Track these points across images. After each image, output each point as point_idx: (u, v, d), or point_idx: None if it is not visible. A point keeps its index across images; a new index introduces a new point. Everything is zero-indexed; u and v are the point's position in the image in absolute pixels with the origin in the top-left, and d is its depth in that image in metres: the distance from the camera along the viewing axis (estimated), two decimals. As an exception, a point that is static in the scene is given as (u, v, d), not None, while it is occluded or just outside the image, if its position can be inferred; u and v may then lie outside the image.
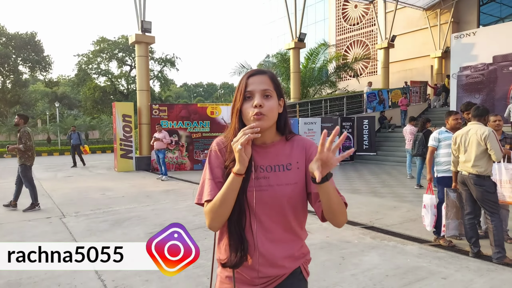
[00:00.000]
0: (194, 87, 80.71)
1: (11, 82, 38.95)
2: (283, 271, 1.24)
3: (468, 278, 3.41)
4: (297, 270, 1.29)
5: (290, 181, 1.21)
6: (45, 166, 15.98)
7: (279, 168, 1.22)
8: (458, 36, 13.82)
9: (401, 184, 8.97)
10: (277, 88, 1.23)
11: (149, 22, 12.95)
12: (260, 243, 1.21)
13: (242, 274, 1.24)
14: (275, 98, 1.21)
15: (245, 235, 1.20)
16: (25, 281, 3.48)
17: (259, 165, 1.21)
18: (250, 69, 21.01)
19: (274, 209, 1.21)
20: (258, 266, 1.21)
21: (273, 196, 1.20)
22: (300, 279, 1.30)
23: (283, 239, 1.24)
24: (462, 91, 13.28)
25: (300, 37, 16.68)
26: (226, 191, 1.14)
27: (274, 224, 1.22)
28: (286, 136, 1.28)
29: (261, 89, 1.18)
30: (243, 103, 1.19)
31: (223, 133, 1.32)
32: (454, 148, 4.13)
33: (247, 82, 1.20)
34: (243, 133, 1.09)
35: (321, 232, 4.94)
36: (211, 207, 1.16)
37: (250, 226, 1.20)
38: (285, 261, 1.24)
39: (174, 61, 41.14)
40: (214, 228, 1.20)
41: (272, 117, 1.19)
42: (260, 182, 1.20)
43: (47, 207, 7.00)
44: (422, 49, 22.78)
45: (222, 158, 1.24)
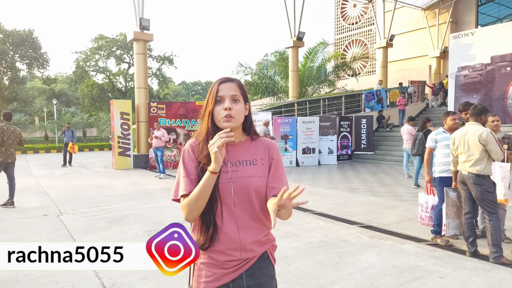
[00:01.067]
0: (193, 85, 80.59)
1: (8, 79, 38.75)
2: (252, 254, 1.38)
3: (465, 278, 3.42)
4: (265, 254, 1.43)
5: (256, 174, 1.38)
6: (43, 163, 15.92)
7: (246, 163, 1.39)
8: (456, 36, 13.83)
9: (399, 183, 8.99)
10: (244, 94, 1.41)
11: (147, 20, 12.91)
12: (230, 230, 1.34)
13: (214, 258, 1.36)
14: (242, 103, 1.38)
15: (216, 221, 1.34)
16: (22, 279, 3.47)
17: (229, 161, 1.37)
18: (249, 68, 21.04)
19: (242, 198, 1.36)
20: (229, 250, 1.34)
21: (242, 186, 1.35)
22: (268, 263, 1.44)
23: (250, 226, 1.37)
24: (460, 91, 13.30)
25: (299, 36, 16.66)
26: (202, 187, 1.28)
27: (242, 213, 1.36)
28: (251, 136, 1.46)
29: (231, 94, 1.36)
30: (214, 106, 1.36)
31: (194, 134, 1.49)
32: (453, 149, 4.14)
33: (218, 88, 1.37)
34: (219, 137, 1.24)
35: (318, 231, 4.94)
36: (188, 201, 1.30)
37: (221, 214, 1.34)
38: (253, 246, 1.37)
39: (172, 59, 41.08)
40: (191, 220, 1.35)
41: (240, 118, 1.37)
42: (231, 175, 1.35)
43: (45, 204, 6.98)
44: (420, 49, 22.82)
45: (194, 155, 1.39)
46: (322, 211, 6.10)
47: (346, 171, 11.62)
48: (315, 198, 7.19)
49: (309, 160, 13.24)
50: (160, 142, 10.55)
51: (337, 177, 10.19)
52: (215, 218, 1.34)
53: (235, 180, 1.35)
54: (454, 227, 4.31)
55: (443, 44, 21.75)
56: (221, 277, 1.36)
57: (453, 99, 13.53)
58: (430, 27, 22.18)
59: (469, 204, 4.08)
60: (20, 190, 8.74)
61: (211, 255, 1.36)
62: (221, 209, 1.34)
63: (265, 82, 20.46)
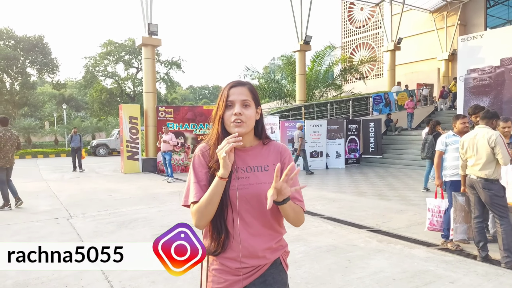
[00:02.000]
0: (200, 90, 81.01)
1: (19, 84, 39.35)
2: (264, 261, 1.36)
3: (476, 283, 3.38)
4: (277, 261, 1.41)
5: (268, 180, 1.32)
6: (53, 167, 16.11)
7: (257, 168, 1.37)
8: (465, 39, 13.72)
9: (408, 187, 8.91)
10: (255, 98, 1.38)
11: (155, 25, 13.04)
12: (242, 237, 1.32)
13: (226, 265, 1.34)
14: (253, 107, 1.35)
15: (227, 228, 1.32)
16: (32, 282, 3.51)
17: (240, 167, 1.35)
18: (256, 72, 21.14)
19: (253, 205, 1.33)
20: (241, 257, 1.32)
21: (252, 193, 1.32)
22: (280, 269, 1.42)
23: (262, 233, 1.35)
24: (469, 94, 13.16)
25: (306, 39, 16.69)
26: (211, 193, 1.26)
27: (254, 220, 1.34)
28: (263, 140, 1.44)
29: (241, 99, 1.33)
30: (224, 111, 1.34)
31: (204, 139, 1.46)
32: (462, 152, 4.10)
33: (228, 93, 1.34)
34: (227, 142, 1.22)
35: (326, 235, 4.92)
36: (198, 208, 1.29)
37: (232, 221, 1.33)
38: (265, 253, 1.36)
39: (180, 63, 41.38)
40: (200, 226, 1.33)
41: (251, 124, 1.35)
42: (241, 182, 1.33)
43: (55, 207, 7.06)
44: (428, 52, 22.67)
45: (204, 161, 1.37)
46: (330, 215, 6.07)
47: (354, 174, 11.55)
48: (323, 202, 7.16)
49: (316, 163, 13.19)
50: (169, 146, 10.60)
51: (345, 181, 10.14)
52: (226, 225, 1.33)
53: (245, 186, 1.33)
54: (461, 232, 4.26)
55: (452, 47, 21.59)
56: (233, 284, 1.35)
57: (462, 102, 13.37)
58: (438, 29, 22.04)
59: (479, 209, 4.03)
60: (31, 193, 8.86)
61: (223, 262, 1.35)
62: (232, 216, 1.33)
63: (272, 86, 20.50)
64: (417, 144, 14.07)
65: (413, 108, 16.11)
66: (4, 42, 39.07)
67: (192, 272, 4.00)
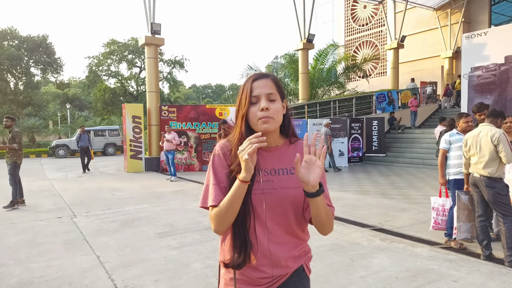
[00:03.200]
0: (203, 88, 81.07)
1: (23, 84, 39.58)
2: (286, 270, 1.27)
3: (480, 282, 3.36)
4: (300, 268, 1.32)
5: (293, 185, 1.23)
6: (56, 166, 16.19)
7: (282, 171, 1.25)
8: (469, 36, 13.63)
9: (411, 185, 8.88)
10: (280, 91, 1.26)
11: (158, 24, 13.05)
12: (264, 245, 1.23)
13: (246, 275, 1.26)
14: (279, 101, 1.23)
15: (249, 237, 1.22)
16: (36, 280, 3.53)
17: (263, 169, 1.23)
18: (259, 71, 21.17)
19: (277, 211, 1.23)
20: (262, 266, 1.23)
21: (276, 199, 1.22)
22: (303, 277, 1.33)
23: (285, 241, 1.26)
24: (474, 92, 13.08)
25: (309, 38, 16.65)
26: (232, 197, 1.16)
27: (276, 226, 1.24)
28: (289, 139, 1.31)
29: (266, 92, 1.21)
30: (249, 108, 1.21)
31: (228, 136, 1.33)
32: (465, 150, 4.09)
33: (251, 86, 1.22)
34: (249, 142, 1.10)
35: (329, 234, 4.91)
36: (217, 212, 1.19)
37: (254, 228, 1.22)
38: (288, 262, 1.27)
39: (183, 62, 41.37)
40: (219, 232, 1.23)
41: (278, 119, 1.22)
42: (264, 185, 1.22)
43: (59, 207, 7.10)
44: (432, 50, 22.55)
45: (226, 162, 1.25)
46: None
47: (357, 173, 11.53)
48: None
49: (319, 162, 13.17)
50: (171, 145, 10.61)
51: (348, 180, 10.12)
52: (250, 236, 1.22)
53: (269, 191, 1.22)
54: (465, 230, 4.23)
55: (456, 44, 21.46)
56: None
57: (466, 100, 13.31)
58: (442, 27, 21.91)
59: (482, 207, 4.02)
60: (35, 192, 8.92)
61: (243, 271, 1.26)
62: (254, 224, 1.22)
63: (275, 85, 20.44)
64: (421, 142, 14.03)
65: (416, 107, 16.05)
66: (8, 42, 39.29)
67: (195, 270, 4.00)
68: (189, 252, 4.26)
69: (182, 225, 5.48)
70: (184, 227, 5.36)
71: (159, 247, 4.48)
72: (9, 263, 4.02)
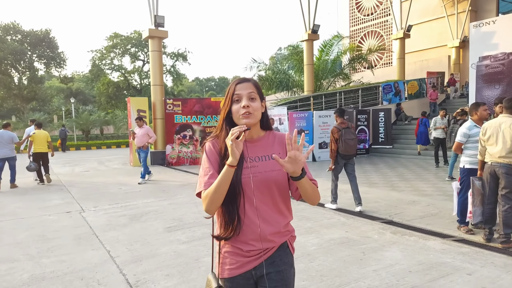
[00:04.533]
0: (206, 81, 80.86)
1: (27, 78, 39.68)
2: (272, 244, 1.46)
3: (495, 275, 3.32)
4: (284, 244, 1.51)
5: (275, 168, 1.44)
6: (63, 161, 16.27)
7: (265, 158, 1.47)
8: (477, 25, 13.40)
9: (419, 177, 8.81)
10: (260, 92, 1.48)
11: (162, 17, 12.94)
12: (252, 222, 1.42)
13: (238, 247, 1.44)
14: (258, 100, 1.45)
15: (239, 213, 1.42)
16: (48, 275, 3.53)
17: (249, 156, 1.45)
18: (262, 63, 20.95)
19: (263, 192, 1.43)
20: (251, 241, 1.43)
21: (262, 180, 1.43)
22: (287, 252, 1.52)
23: (271, 219, 1.45)
24: (482, 82, 12.90)
25: (314, 28, 16.46)
26: (220, 180, 1.33)
27: (263, 205, 1.44)
28: (268, 132, 1.55)
29: (247, 92, 1.43)
30: (232, 105, 1.44)
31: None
32: (483, 138, 4.16)
33: (235, 88, 1.44)
34: (232, 132, 1.31)
35: (339, 227, 4.88)
36: (207, 193, 1.36)
37: (243, 207, 1.42)
38: (274, 237, 1.45)
39: (186, 55, 41.20)
40: (210, 211, 1.39)
41: (258, 115, 1.45)
42: (251, 170, 1.43)
43: (67, 201, 7.12)
44: (439, 39, 22.25)
45: (215, 150, 1.47)
46: (342, 207, 6.03)
47: (364, 165, 11.45)
48: (334, 193, 7.10)
49: (325, 154, 13.10)
50: (142, 141, 9.10)
51: (356, 172, 10.04)
52: (239, 212, 1.41)
53: (255, 175, 1.43)
54: (479, 214, 4.36)
55: (463, 34, 21.16)
56: (244, 265, 1.45)
57: (474, 89, 13.14)
58: (448, 16, 21.58)
59: (494, 195, 4.17)
60: (43, 187, 8.95)
61: (234, 245, 1.45)
62: (243, 203, 1.42)
63: (279, 77, 20.31)
64: (428, 133, 13.89)
65: (436, 99, 16.19)
66: (12, 36, 39.28)
67: (206, 265, 3.98)
68: (199, 246, 4.24)
69: (190, 219, 5.46)
70: (192, 221, 5.34)
71: (168, 241, 4.47)
72: (20, 258, 4.02)
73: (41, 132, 9.53)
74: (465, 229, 4.54)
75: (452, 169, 8.26)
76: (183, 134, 12.86)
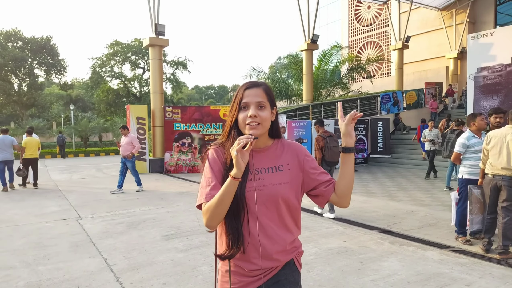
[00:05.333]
0: (206, 89, 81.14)
1: (27, 85, 39.73)
2: (277, 263, 1.36)
3: (493, 286, 3.31)
4: (291, 261, 1.41)
5: (283, 181, 1.34)
6: (61, 168, 16.22)
7: (272, 169, 1.36)
8: (475, 37, 13.55)
9: (418, 187, 8.81)
10: (270, 99, 1.36)
11: (163, 25, 13.05)
12: (256, 240, 1.31)
13: (240, 266, 1.34)
14: (268, 109, 1.33)
15: (242, 230, 1.31)
16: (44, 283, 3.51)
17: (255, 168, 1.34)
18: (262, 72, 21.05)
19: (269, 207, 1.33)
20: (253, 259, 1.32)
21: (268, 194, 1.32)
22: (294, 270, 1.42)
23: (276, 236, 1.34)
24: (480, 93, 12.99)
25: (313, 38, 16.61)
26: (223, 193, 1.23)
27: (269, 221, 1.33)
28: (276, 140, 1.43)
29: (256, 101, 1.31)
30: (238, 113, 1.32)
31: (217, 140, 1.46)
32: (486, 148, 4.16)
33: (243, 94, 1.33)
34: (238, 142, 1.19)
35: (337, 237, 4.87)
36: (208, 207, 1.25)
37: (247, 223, 1.31)
38: (279, 255, 1.35)
39: (186, 63, 41.41)
40: (211, 227, 1.28)
41: (266, 125, 1.33)
42: (256, 183, 1.32)
43: (64, 208, 7.09)
44: (437, 50, 22.45)
45: (218, 159, 1.35)
46: (340, 216, 6.02)
47: (362, 175, 11.46)
48: (333, 202, 7.10)
49: (324, 163, 13.11)
50: (127, 149, 8.74)
51: (354, 181, 10.02)
52: (243, 230, 1.31)
53: (260, 188, 1.32)
54: (477, 222, 4.41)
55: (461, 45, 21.36)
56: (247, 285, 1.35)
57: (472, 100, 13.22)
58: (447, 27, 21.81)
59: (493, 207, 4.16)
60: (40, 194, 8.92)
61: (237, 263, 1.35)
62: (247, 219, 1.31)
63: (278, 86, 20.42)
64: (426, 143, 13.92)
65: (436, 108, 16.35)
66: (13, 43, 39.45)
67: (203, 274, 3.96)
68: (196, 255, 4.22)
69: (188, 227, 5.44)
70: (190, 229, 5.32)
71: (166, 249, 4.45)
72: (16, 266, 4.00)
73: (32, 139, 9.97)
74: (463, 240, 4.54)
75: (450, 179, 8.28)
76: (182, 142, 12.86)
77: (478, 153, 4.45)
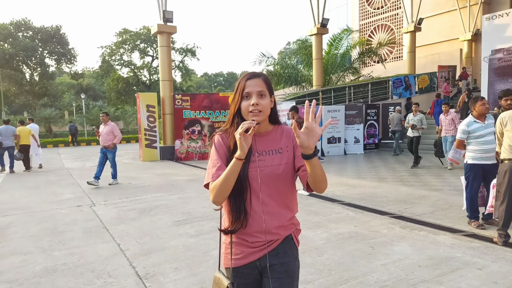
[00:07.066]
0: (215, 77, 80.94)
1: (38, 74, 40.16)
2: (276, 237, 1.49)
3: (506, 270, 3.27)
4: (289, 236, 1.54)
5: (282, 162, 1.48)
6: (74, 156, 16.47)
7: (272, 152, 1.49)
8: (490, 18, 13.14)
9: (429, 172, 8.71)
10: (269, 88, 1.49)
11: (170, 12, 12.96)
12: (258, 215, 1.45)
13: (243, 238, 1.47)
14: (268, 97, 1.46)
15: (245, 206, 1.44)
16: (60, 267, 3.60)
17: (257, 150, 1.48)
18: (271, 58, 20.81)
19: (269, 185, 1.46)
20: (256, 233, 1.45)
21: (269, 174, 1.45)
22: (292, 245, 1.55)
23: (276, 212, 1.48)
24: (494, 75, 12.66)
25: (323, 22, 16.32)
26: (228, 172, 1.35)
27: (269, 199, 1.46)
28: (276, 126, 1.57)
29: (257, 90, 1.43)
30: (241, 102, 1.45)
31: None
32: (500, 129, 4.00)
33: (245, 84, 1.45)
34: (242, 126, 1.31)
35: (347, 222, 4.86)
36: (215, 185, 1.39)
37: (250, 200, 1.45)
38: (278, 230, 1.48)
39: (194, 50, 41.26)
40: (217, 202, 1.42)
41: (267, 112, 1.46)
42: (258, 164, 1.46)
43: (77, 195, 7.22)
44: (450, 32, 21.88)
45: (223, 142, 1.49)
46: (351, 201, 6.00)
47: (373, 160, 11.37)
48: (343, 188, 7.08)
49: (334, 149, 13.05)
50: (108, 140, 8.20)
51: (365, 167, 9.99)
52: (245, 205, 1.44)
53: (262, 168, 1.45)
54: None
55: (475, 26, 20.76)
56: (249, 255, 1.48)
57: (486, 83, 12.91)
58: (460, 8, 21.18)
59: (509, 195, 3.95)
60: (54, 182, 9.09)
61: (240, 236, 1.47)
62: (250, 196, 1.44)
63: (287, 72, 20.22)
64: (438, 128, 13.69)
65: (449, 92, 16.11)
66: (23, 33, 39.74)
67: (214, 258, 4.00)
68: (207, 240, 4.27)
69: (199, 213, 5.50)
70: (201, 215, 5.38)
71: (177, 235, 4.51)
72: (32, 251, 4.10)
73: (24, 128, 11.42)
74: (475, 224, 4.48)
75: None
76: (191, 129, 12.91)
77: (481, 137, 4.39)
